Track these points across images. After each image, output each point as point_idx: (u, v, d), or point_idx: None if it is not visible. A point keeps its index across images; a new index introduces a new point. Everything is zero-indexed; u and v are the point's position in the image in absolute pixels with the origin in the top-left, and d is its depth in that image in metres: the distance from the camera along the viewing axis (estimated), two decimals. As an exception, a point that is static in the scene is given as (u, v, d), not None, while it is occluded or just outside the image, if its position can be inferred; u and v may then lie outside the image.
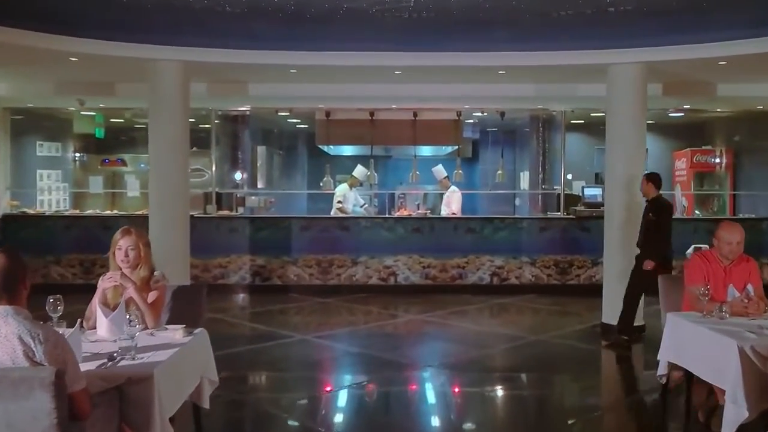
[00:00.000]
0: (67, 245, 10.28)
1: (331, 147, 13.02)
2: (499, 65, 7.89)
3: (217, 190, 11.16)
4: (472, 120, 13.00)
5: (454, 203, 11.03)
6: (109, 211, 11.20)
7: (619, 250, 7.75)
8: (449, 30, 7.24)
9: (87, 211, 11.14)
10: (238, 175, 12.78)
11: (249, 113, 12.11)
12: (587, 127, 13.20)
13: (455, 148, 12.38)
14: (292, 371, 6.54)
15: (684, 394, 4.74)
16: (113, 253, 4.07)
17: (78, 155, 12.99)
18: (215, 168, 11.20)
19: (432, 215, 11.13)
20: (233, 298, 10.00)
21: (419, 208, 12.05)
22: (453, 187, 11.22)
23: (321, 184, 11.82)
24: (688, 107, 11.04)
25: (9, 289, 2.77)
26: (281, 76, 8.67)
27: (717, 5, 6.59)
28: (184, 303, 4.51)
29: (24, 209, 10.79)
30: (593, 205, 10.45)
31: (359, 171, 11.34)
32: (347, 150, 13.44)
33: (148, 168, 8.27)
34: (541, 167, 12.72)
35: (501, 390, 6.13)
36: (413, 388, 6.00)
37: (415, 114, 11.26)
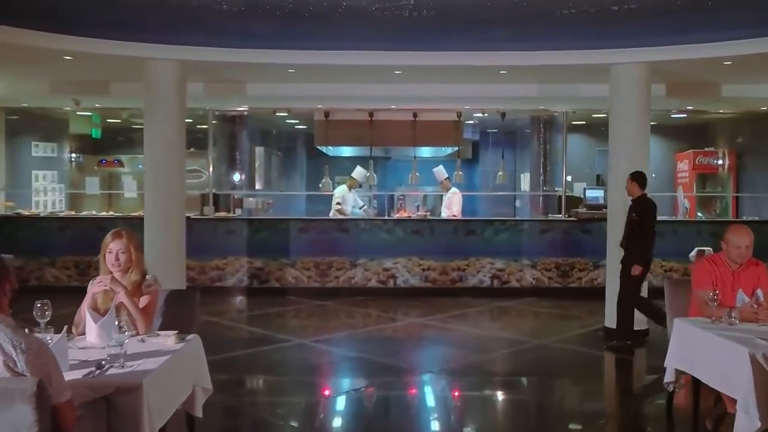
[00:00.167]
0: (62, 247, 10.16)
1: (330, 148, 12.92)
2: (501, 65, 7.78)
3: (215, 191, 11.06)
4: (472, 121, 12.90)
5: (454, 205, 10.91)
6: (105, 213, 11.07)
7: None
8: (450, 29, 7.13)
9: (82, 213, 11.02)
10: (236, 176, 12.67)
11: (247, 113, 12.02)
12: (588, 128, 13.12)
13: (455, 149, 12.28)
14: (289, 376, 6.42)
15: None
16: (103, 257, 3.93)
17: (74, 156, 12.89)
18: (212, 169, 11.09)
19: (432, 217, 11.03)
20: (230, 300, 9.88)
21: (419, 209, 11.96)
22: (453, 189, 11.11)
23: (320, 185, 11.72)
24: (690, 108, 10.93)
25: (-13, 296, 2.64)
26: (279, 75, 8.56)
27: (722, 4, 6.48)
28: (177, 308, 4.36)
29: (19, 210, 10.68)
30: (595, 207, 10.34)
31: (358, 172, 11.23)
32: (346, 151, 13.35)
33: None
34: (542, 169, 12.62)
35: (502, 396, 6.01)
36: (413, 393, 5.87)
37: (415, 114, 11.17)
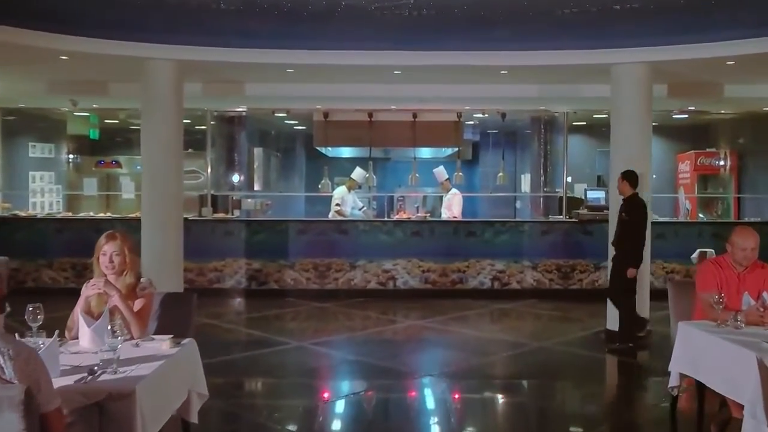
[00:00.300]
0: (60, 248, 10.08)
1: (329, 149, 12.86)
2: (501, 65, 7.72)
3: (213, 192, 10.99)
4: (472, 122, 12.83)
5: (455, 206, 10.84)
6: (103, 214, 10.99)
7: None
8: (450, 28, 7.08)
9: (80, 214, 10.94)
10: (236, 177, 12.60)
11: (245, 114, 11.95)
12: (589, 129, 13.06)
13: (455, 150, 12.21)
14: (287, 380, 6.33)
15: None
16: (97, 259, 3.87)
17: (72, 157, 12.81)
18: (211, 170, 11.01)
19: (431, 218, 10.96)
20: (229, 302, 9.80)
21: (418, 211, 11.90)
22: (454, 190, 11.04)
23: (319, 186, 11.67)
24: (692, 109, 10.86)
25: (-25, 300, 2.57)
26: (278, 75, 8.49)
27: (724, 4, 6.45)
28: (172, 311, 4.28)
29: (15, 211, 10.61)
30: (596, 209, 10.27)
31: (358, 173, 11.16)
32: (346, 152, 13.29)
33: (143, 170, 8.10)
34: (543, 169, 12.54)
35: (503, 400, 5.92)
36: (412, 397, 5.80)
37: (415, 115, 11.10)
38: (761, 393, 3.49)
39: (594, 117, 11.70)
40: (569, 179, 11.40)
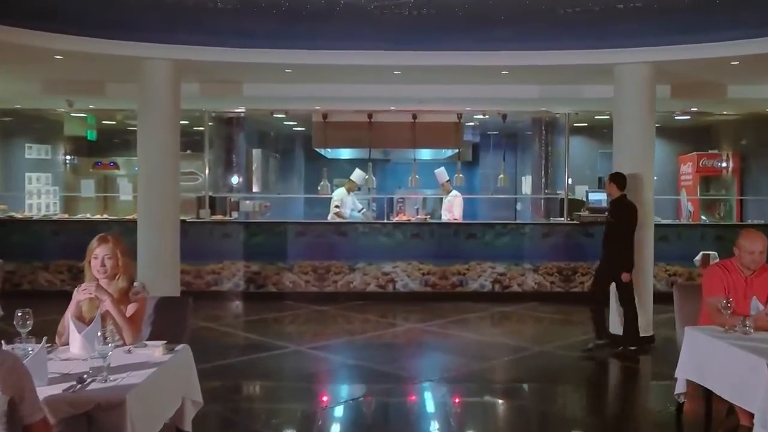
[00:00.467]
0: (56, 251, 9.97)
1: (329, 150, 12.77)
2: (502, 65, 7.61)
3: (211, 194, 10.88)
4: (472, 123, 12.73)
5: (456, 208, 10.74)
6: (99, 216, 10.89)
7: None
8: (450, 28, 6.98)
9: (76, 216, 10.85)
10: (234, 179, 12.50)
11: (244, 115, 11.86)
12: (590, 131, 12.97)
13: (455, 151, 12.11)
14: (285, 385, 6.22)
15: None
16: (89, 262, 3.76)
17: (69, 158, 12.72)
18: (209, 171, 10.91)
19: (431, 220, 10.86)
20: (226, 305, 9.69)
21: (418, 212, 11.80)
22: (454, 192, 10.94)
23: (318, 188, 11.57)
24: (694, 110, 10.76)
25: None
26: (276, 76, 8.39)
27: (729, 3, 6.34)
28: (167, 316, 4.19)
29: (11, 213, 10.51)
30: (597, 211, 10.16)
31: (357, 175, 11.07)
32: (345, 153, 13.20)
33: (141, 171, 7.98)
34: (544, 171, 12.44)
35: (504, 406, 5.81)
36: (412, 403, 5.69)
37: (415, 116, 11.00)
38: (772, 401, 3.39)
39: (595, 118, 11.60)
40: (570, 181, 11.30)
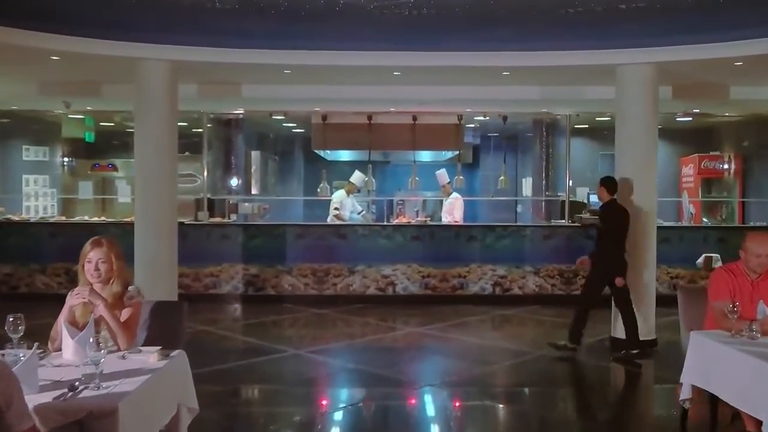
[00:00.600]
0: (53, 253, 9.88)
1: (328, 152, 12.69)
2: (503, 66, 7.53)
3: (209, 196, 10.80)
4: (473, 124, 12.66)
5: (456, 210, 10.68)
6: (97, 218, 10.82)
7: (630, 259, 7.36)
8: (451, 28, 6.92)
9: (74, 218, 10.77)
10: (234, 181, 12.41)
11: (243, 117, 11.78)
12: (591, 132, 12.89)
13: (456, 153, 12.03)
14: (283, 390, 6.13)
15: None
16: (82, 266, 3.67)
17: (67, 160, 12.64)
18: (207, 173, 10.84)
19: (432, 222, 10.79)
20: (225, 308, 9.61)
21: (418, 215, 11.72)
22: (455, 194, 10.88)
23: (317, 190, 11.49)
24: (696, 111, 10.68)
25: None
26: (275, 77, 8.31)
27: (733, 3, 6.28)
28: (163, 320, 4.10)
29: (9, 216, 10.42)
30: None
31: (357, 177, 11.00)
32: (344, 155, 13.13)
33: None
34: (545, 173, 12.36)
35: (506, 411, 5.73)
36: (413, 408, 5.61)
37: (415, 118, 10.92)
38: (782, 408, 3.31)
39: (596, 120, 11.53)
40: (571, 183, 11.22)
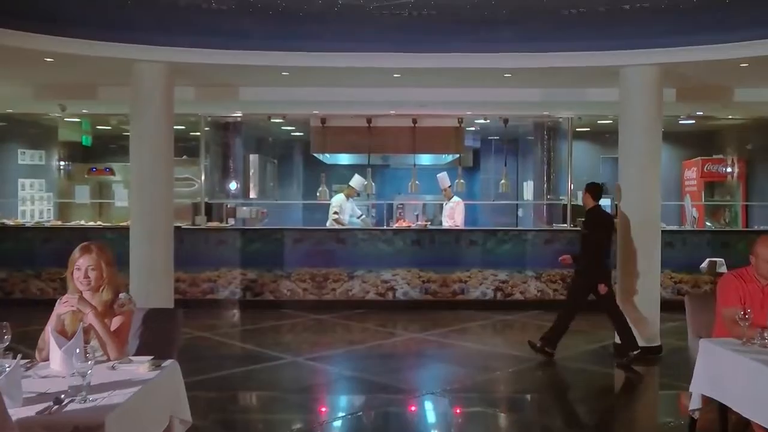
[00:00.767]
0: (48, 258, 9.75)
1: (327, 155, 12.58)
2: (505, 67, 7.41)
3: (207, 200, 10.69)
4: (473, 127, 12.55)
5: (457, 215, 10.57)
6: (93, 222, 10.69)
7: (635, 264, 7.26)
8: (452, 29, 6.82)
9: (70, 223, 10.66)
10: (232, 185, 12.29)
11: (241, 120, 11.66)
12: (593, 135, 12.79)
13: (456, 156, 11.91)
14: (281, 398, 6.00)
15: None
16: (71, 274, 3.54)
17: (63, 164, 12.51)
18: (205, 177, 10.72)
19: (432, 226, 10.67)
20: (222, 314, 9.49)
21: (418, 219, 11.61)
22: (456, 198, 10.77)
23: (317, 194, 11.37)
24: (700, 114, 10.57)
25: None
26: (273, 79, 8.19)
27: (739, 3, 6.19)
28: (156, 329, 3.97)
29: (3, 220, 10.30)
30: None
31: (356, 180, 10.88)
32: (344, 158, 13.02)
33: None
34: (546, 177, 12.24)
35: (509, 420, 5.60)
36: (414, 418, 5.49)
37: (415, 121, 10.81)
38: (798, 421, 3.18)
39: (598, 123, 11.42)
40: (573, 186, 11.10)
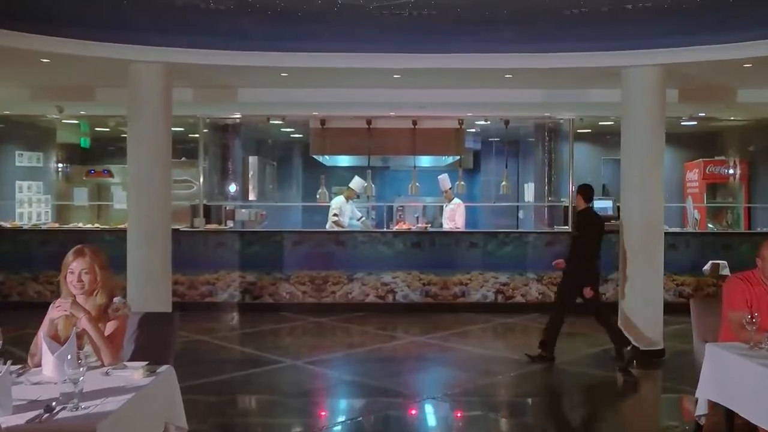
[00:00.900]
0: (46, 261, 9.67)
1: (327, 157, 12.50)
2: (506, 68, 7.33)
3: (206, 202, 10.61)
4: (473, 129, 12.47)
5: (458, 217, 10.50)
6: (91, 225, 10.62)
7: (637, 266, 7.19)
8: (452, 29, 6.76)
9: (67, 225, 10.58)
10: (232, 187, 12.21)
11: (239, 121, 11.59)
12: (594, 137, 12.72)
13: (456, 158, 11.84)
14: (280, 402, 5.93)
15: None
16: (64, 277, 3.47)
17: (61, 166, 12.43)
18: (203, 179, 10.64)
19: (432, 229, 10.59)
20: (221, 317, 9.41)
21: (419, 221, 11.54)
22: (456, 200, 10.69)
23: (316, 196, 11.30)
24: (701, 115, 10.49)
25: None
26: (272, 80, 8.13)
27: (743, 2, 6.12)
28: (152, 333, 3.91)
29: (0, 222, 10.22)
30: (603, 219, 9.83)
31: (356, 182, 10.81)
32: (343, 160, 12.94)
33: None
34: (547, 178, 12.16)
35: (511, 425, 5.52)
36: (414, 423, 5.42)
37: (415, 122, 10.74)
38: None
39: (599, 124, 11.35)
40: (574, 188, 11.02)
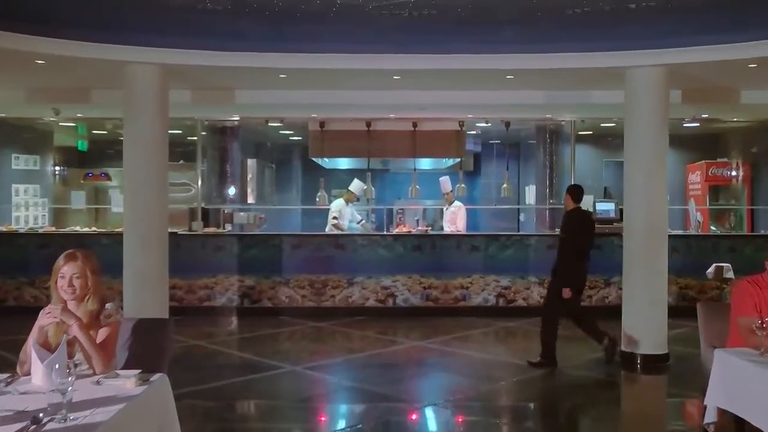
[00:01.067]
0: (42, 265, 9.45)
1: (326, 160, 12.43)
2: (507, 69, 7.23)
3: (204, 205, 10.52)
4: (474, 131, 12.38)
5: (459, 220, 10.42)
6: (88, 228, 10.52)
7: (641, 270, 7.08)
8: (453, 30, 6.67)
9: (64, 228, 10.50)
10: (230, 190, 12.12)
11: (238, 124, 11.50)
12: (595, 139, 12.65)
13: (457, 161, 11.75)
14: (279, 409, 5.82)
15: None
16: (55, 282, 3.37)
17: (58, 169, 12.34)
18: (202, 182, 10.55)
19: (433, 232, 10.50)
20: (219, 321, 9.31)
21: (419, 224, 11.45)
22: (457, 203, 10.60)
23: (316, 199, 11.21)
24: (704, 117, 10.40)
25: None
26: (270, 82, 8.04)
27: (748, 2, 6.04)
28: (146, 340, 3.80)
29: (-4, 226, 10.14)
30: (605, 221, 9.76)
31: (356, 185, 10.72)
32: (343, 163, 12.87)
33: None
34: (549, 181, 12.06)
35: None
36: (415, 430, 5.31)
37: (415, 124, 10.64)
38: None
39: (601, 126, 11.26)
40: (576, 190, 10.92)
